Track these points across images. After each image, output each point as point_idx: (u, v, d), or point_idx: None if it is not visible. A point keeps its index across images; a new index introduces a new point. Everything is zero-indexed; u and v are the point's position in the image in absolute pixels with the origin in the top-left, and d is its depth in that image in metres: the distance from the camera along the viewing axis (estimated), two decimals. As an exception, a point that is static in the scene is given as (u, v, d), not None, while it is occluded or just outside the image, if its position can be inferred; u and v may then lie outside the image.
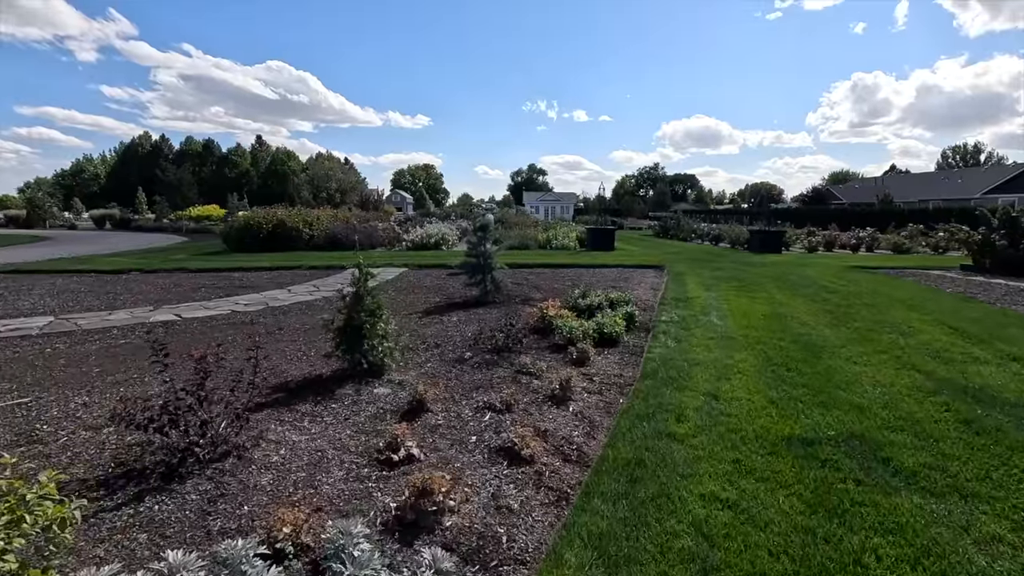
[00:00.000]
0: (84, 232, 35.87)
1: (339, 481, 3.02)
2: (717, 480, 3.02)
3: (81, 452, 3.33)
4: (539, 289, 9.83)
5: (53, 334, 6.47)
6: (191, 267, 12.98)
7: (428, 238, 19.69)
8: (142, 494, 2.82)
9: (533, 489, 3.00)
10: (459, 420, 3.89)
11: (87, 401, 4.19)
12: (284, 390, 4.49)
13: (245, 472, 3.09)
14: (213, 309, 8.04)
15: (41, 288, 10.10)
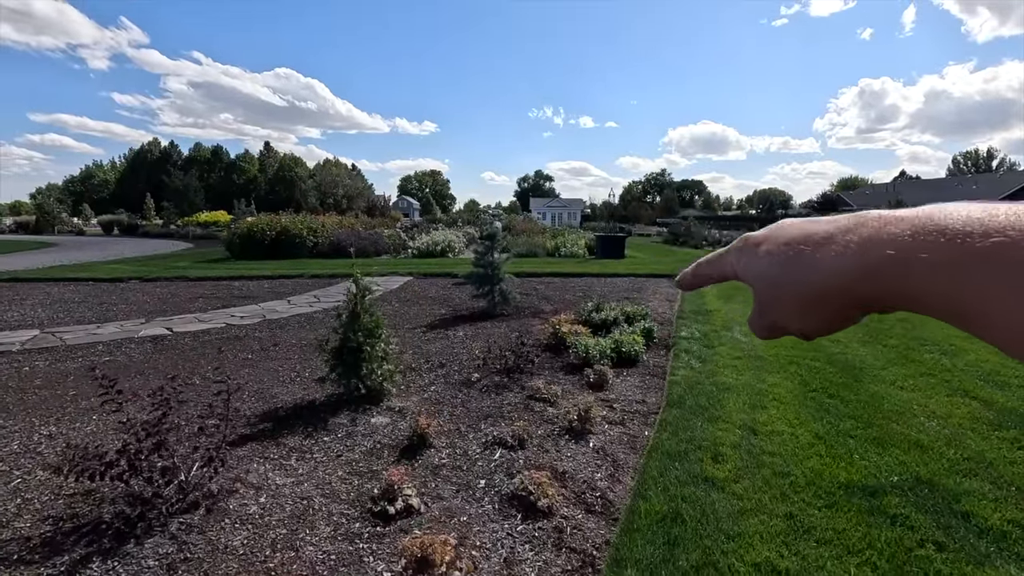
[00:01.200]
0: (91, 238, 35.80)
1: (325, 540, 2.57)
2: (770, 543, 2.55)
3: (33, 499, 2.90)
4: (549, 300, 9.38)
5: (35, 350, 6.08)
6: (191, 275, 12.62)
7: (434, 245, 19.31)
8: (90, 558, 2.39)
9: (553, 551, 2.54)
10: (465, 458, 3.44)
11: (53, 432, 3.77)
12: (272, 418, 4.06)
13: (216, 528, 2.65)
14: (208, 322, 7.64)
15: (34, 298, 9.77)
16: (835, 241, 0.31)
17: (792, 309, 0.34)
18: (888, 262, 0.28)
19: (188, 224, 39.45)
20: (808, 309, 0.33)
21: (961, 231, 0.26)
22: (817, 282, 0.32)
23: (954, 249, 0.26)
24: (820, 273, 0.32)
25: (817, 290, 0.32)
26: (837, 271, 0.31)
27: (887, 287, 0.29)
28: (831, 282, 0.31)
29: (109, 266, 15.41)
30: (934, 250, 0.27)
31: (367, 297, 4.30)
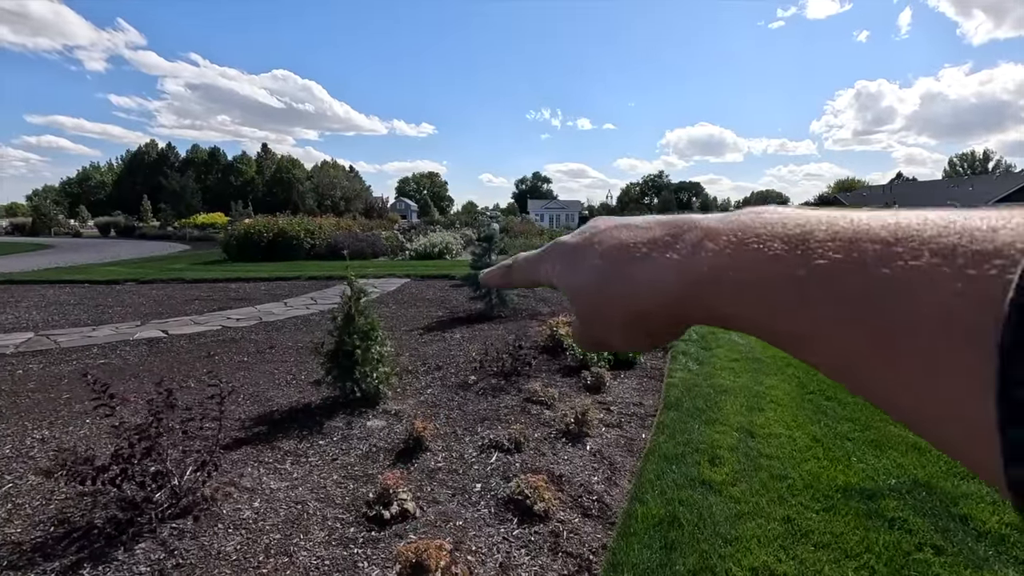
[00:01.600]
0: (88, 240, 35.70)
1: (319, 545, 2.55)
2: (768, 547, 2.53)
3: (24, 504, 2.87)
4: (546, 302, 9.36)
5: (29, 353, 6.04)
6: (188, 277, 12.58)
7: (432, 247, 19.28)
8: (80, 564, 2.36)
9: (549, 556, 2.52)
10: (462, 462, 3.42)
11: (46, 436, 3.74)
12: (267, 422, 4.04)
13: (209, 533, 2.62)
14: (203, 324, 7.61)
15: (29, 300, 9.72)
16: (653, 258, 0.29)
17: (613, 326, 0.32)
18: (706, 280, 0.26)
19: (185, 226, 39.34)
20: (629, 327, 0.31)
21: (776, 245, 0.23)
22: (636, 301, 0.29)
23: (765, 266, 0.23)
24: (639, 292, 0.29)
25: (637, 309, 0.30)
26: (656, 290, 0.28)
27: (706, 306, 0.26)
28: (651, 301, 0.29)
29: (105, 268, 15.35)
30: (744, 267, 0.24)
31: (363, 300, 4.28)
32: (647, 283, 0.28)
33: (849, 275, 0.20)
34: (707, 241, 0.26)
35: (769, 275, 0.23)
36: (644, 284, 0.29)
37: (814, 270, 0.21)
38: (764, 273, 0.23)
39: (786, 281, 0.22)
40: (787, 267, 0.22)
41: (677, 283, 0.27)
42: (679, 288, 0.27)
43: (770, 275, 0.23)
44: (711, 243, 0.26)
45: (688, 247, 0.27)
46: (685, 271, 0.27)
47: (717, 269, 0.25)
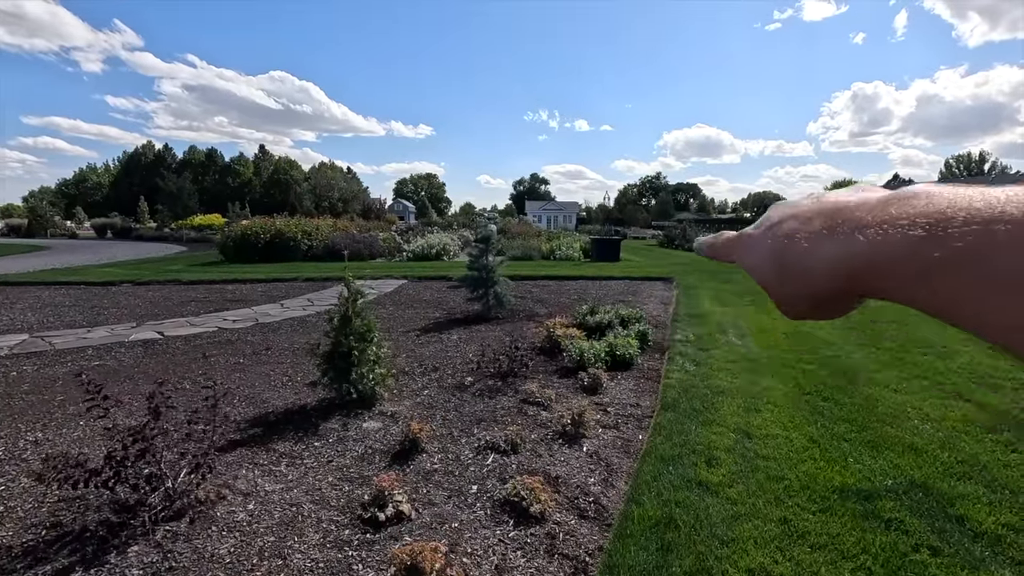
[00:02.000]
0: (84, 241, 35.59)
1: (314, 548, 2.53)
2: (765, 548, 2.53)
3: (16, 507, 2.85)
4: (544, 303, 9.36)
5: (23, 355, 6.01)
6: (184, 279, 12.54)
7: (429, 248, 19.27)
8: (72, 568, 2.34)
9: (545, 558, 2.51)
10: (458, 463, 3.41)
11: (39, 439, 3.72)
12: (263, 423, 4.02)
13: (203, 536, 2.60)
14: (199, 326, 7.58)
15: (24, 302, 9.67)
16: (815, 249, 0.32)
17: (797, 305, 0.36)
18: (860, 268, 0.29)
19: (182, 227, 39.23)
20: (809, 304, 0.35)
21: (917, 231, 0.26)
22: (807, 287, 0.33)
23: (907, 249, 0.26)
24: (808, 280, 0.33)
25: (809, 292, 0.33)
26: (820, 277, 0.32)
27: (865, 287, 0.30)
28: (817, 286, 0.32)
29: (101, 269, 15.29)
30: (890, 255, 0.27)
31: (360, 301, 4.27)
32: (813, 274, 0.32)
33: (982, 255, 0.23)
34: (857, 233, 0.29)
35: (909, 262, 0.26)
36: (811, 274, 0.32)
37: (951, 251, 0.24)
38: (905, 261, 0.26)
39: (925, 264, 0.25)
40: (925, 252, 0.25)
41: (836, 271, 0.31)
42: (838, 275, 0.31)
43: (910, 262, 0.26)
44: (861, 236, 0.29)
45: (840, 239, 0.30)
46: (841, 264, 0.30)
47: (869, 260, 0.28)
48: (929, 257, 0.25)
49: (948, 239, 0.24)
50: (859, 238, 0.29)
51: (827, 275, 0.31)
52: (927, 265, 0.25)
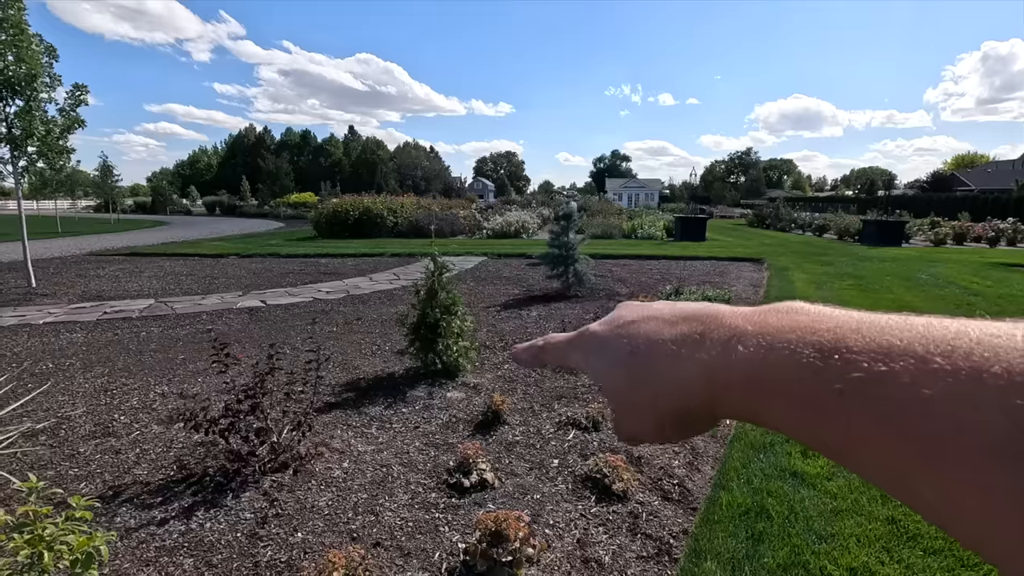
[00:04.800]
0: (197, 217, 39.17)
1: (403, 507, 2.66)
2: (869, 547, 2.35)
3: (149, 450, 3.22)
4: (625, 283, 9.17)
5: (150, 317, 6.73)
6: (283, 253, 13.47)
7: (508, 226, 19.40)
8: (196, 507, 2.61)
9: (627, 536, 2.48)
10: (539, 437, 3.44)
11: (165, 392, 4.16)
12: (355, 389, 4.25)
13: (304, 488, 2.81)
14: (297, 296, 8.13)
15: (150, 271, 10.81)
16: (683, 357, 0.28)
17: (646, 422, 0.31)
18: (737, 384, 0.25)
19: (280, 205, 42.03)
20: (662, 423, 0.30)
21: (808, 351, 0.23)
22: (668, 400, 0.29)
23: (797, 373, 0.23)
24: (670, 392, 0.29)
25: (669, 408, 0.29)
26: (688, 391, 0.28)
27: (738, 408, 0.26)
28: (682, 402, 0.29)
29: (212, 243, 16.76)
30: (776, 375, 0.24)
31: (445, 275, 4.37)
32: (677, 384, 0.28)
33: (885, 391, 0.20)
34: (736, 343, 0.26)
35: (802, 384, 0.23)
36: (675, 385, 0.29)
37: (850, 383, 0.21)
38: (796, 382, 0.23)
39: (820, 392, 0.22)
40: (821, 378, 0.22)
41: (708, 385, 0.27)
42: (710, 390, 0.27)
43: (803, 384, 0.23)
44: (741, 346, 0.26)
45: (717, 347, 0.27)
46: (716, 374, 0.26)
47: (748, 374, 0.25)
48: (825, 385, 0.22)
49: (844, 368, 0.21)
50: (738, 348, 0.26)
51: (694, 387, 0.27)
52: (819, 393, 0.22)
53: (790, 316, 0.25)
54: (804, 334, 0.24)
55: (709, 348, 0.27)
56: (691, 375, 0.28)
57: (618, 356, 0.32)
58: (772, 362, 0.24)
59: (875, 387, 0.20)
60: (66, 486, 2.77)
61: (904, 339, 0.21)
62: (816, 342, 0.23)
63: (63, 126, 8.26)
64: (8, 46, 7.38)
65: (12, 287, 8.83)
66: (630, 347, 0.31)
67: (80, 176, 34.16)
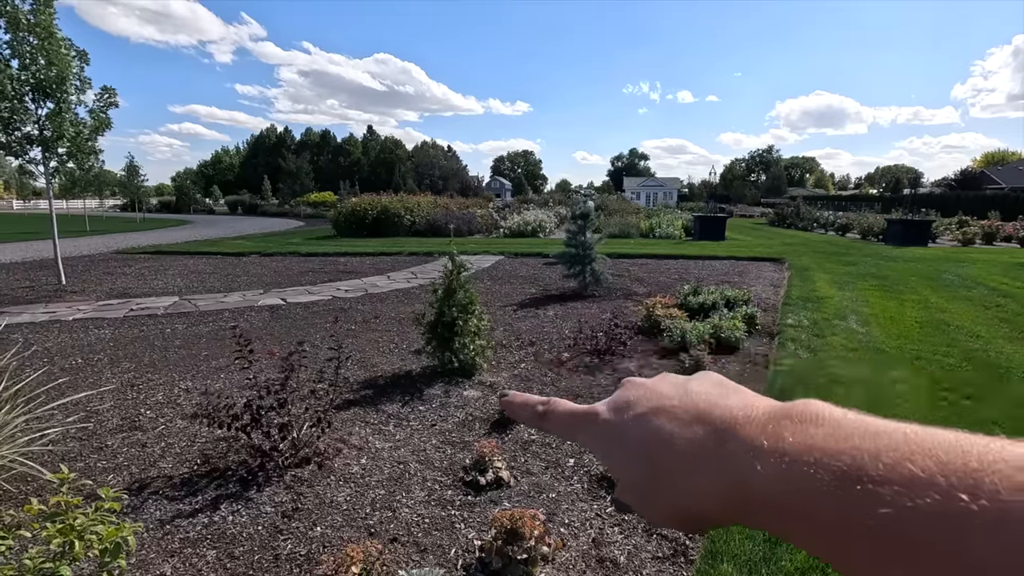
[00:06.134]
0: (219, 216, 39.86)
1: (420, 504, 2.69)
2: (891, 552, 2.31)
3: (174, 444, 3.30)
4: (642, 282, 9.12)
5: (175, 314, 6.88)
6: (302, 251, 13.66)
7: (525, 225, 19.40)
8: (219, 500, 2.67)
9: (643, 536, 2.48)
10: (555, 436, 3.44)
11: (189, 387, 4.25)
12: (373, 386, 4.30)
13: (323, 483, 2.86)
14: (316, 294, 8.24)
15: (175, 269, 11.05)
16: (699, 467, 0.28)
17: (660, 517, 0.31)
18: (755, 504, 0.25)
19: (300, 204, 42.61)
20: (677, 521, 0.30)
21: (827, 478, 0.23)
22: (684, 507, 0.29)
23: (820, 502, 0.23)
24: (688, 500, 0.29)
25: (684, 514, 0.29)
26: (705, 501, 0.28)
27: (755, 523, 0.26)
28: (699, 508, 0.28)
29: (233, 242, 17.06)
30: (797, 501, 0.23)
31: (462, 274, 4.40)
32: (695, 497, 0.28)
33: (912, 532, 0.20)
34: (755, 460, 0.25)
35: (826, 513, 0.22)
36: (691, 498, 0.28)
37: (878, 520, 0.21)
38: (821, 510, 0.23)
39: (845, 523, 0.22)
40: (845, 508, 0.22)
41: (725, 500, 0.27)
42: (729, 507, 0.27)
43: (827, 513, 0.22)
44: (759, 465, 0.25)
45: (730, 460, 0.27)
46: (734, 491, 0.26)
47: (769, 499, 0.25)
48: (848, 518, 0.22)
49: (869, 501, 0.21)
50: (756, 466, 0.25)
51: (710, 496, 0.27)
52: (842, 526, 0.22)
53: (804, 431, 0.25)
54: (822, 456, 0.23)
55: (723, 461, 0.27)
56: (707, 485, 0.27)
57: (633, 451, 0.31)
58: (792, 489, 0.24)
59: (901, 525, 0.20)
60: (95, 478, 2.86)
61: (926, 469, 0.21)
62: (836, 468, 0.23)
63: (92, 128, 8.49)
64: (40, 50, 7.60)
65: (43, 284, 9.10)
66: (645, 451, 0.31)
67: (107, 176, 35.05)
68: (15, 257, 13.05)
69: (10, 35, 7.47)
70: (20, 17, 7.37)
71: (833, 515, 0.22)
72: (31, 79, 7.62)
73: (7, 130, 7.85)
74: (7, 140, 7.94)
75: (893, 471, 0.21)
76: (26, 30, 7.46)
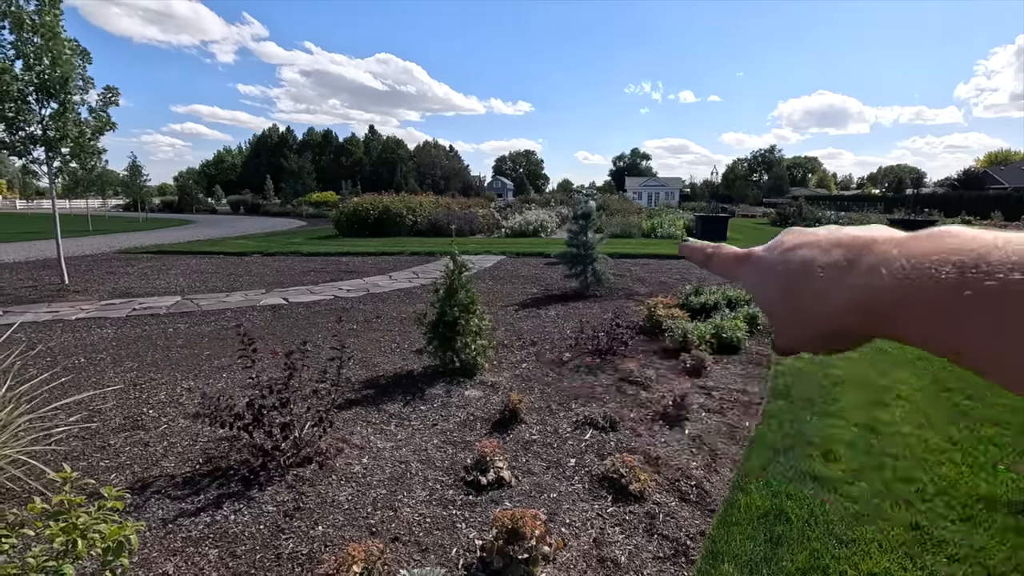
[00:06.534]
0: (221, 216, 39.90)
1: (421, 503, 2.70)
2: (891, 553, 2.31)
3: (176, 443, 3.31)
4: (644, 282, 9.11)
5: (177, 314, 6.90)
6: (304, 251, 13.67)
7: (527, 225, 19.39)
8: (221, 499, 2.68)
9: (644, 536, 2.48)
10: (556, 436, 3.45)
11: (191, 387, 4.27)
12: (374, 386, 4.31)
13: (324, 483, 2.87)
14: (318, 294, 8.25)
15: (177, 268, 11.07)
16: (833, 281, 0.30)
17: (803, 337, 0.33)
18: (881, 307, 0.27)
19: (302, 204, 42.62)
20: (817, 339, 0.33)
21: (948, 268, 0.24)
22: (820, 321, 0.31)
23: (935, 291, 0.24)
24: (822, 314, 0.31)
25: (821, 328, 0.31)
26: (837, 312, 0.30)
27: (883, 328, 0.28)
28: (832, 322, 0.30)
29: (236, 241, 17.08)
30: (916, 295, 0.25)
31: (464, 274, 4.40)
32: (828, 308, 0.30)
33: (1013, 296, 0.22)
34: (882, 268, 0.27)
35: (939, 301, 0.24)
36: (825, 309, 0.30)
37: (983, 291, 0.22)
38: (934, 298, 0.24)
39: (956, 304, 0.23)
40: (958, 292, 0.23)
41: (854, 309, 0.28)
42: (857, 313, 0.28)
43: (940, 301, 0.24)
44: (885, 270, 0.27)
45: (863, 273, 0.28)
46: (861, 298, 0.28)
47: (891, 298, 0.26)
48: (959, 296, 0.23)
49: (980, 278, 0.23)
50: (883, 272, 0.27)
51: (843, 310, 0.29)
52: (955, 304, 0.23)
53: (939, 239, 0.26)
54: (948, 254, 0.25)
55: (856, 275, 0.29)
56: (840, 300, 0.29)
57: (776, 279, 0.34)
58: (913, 285, 0.25)
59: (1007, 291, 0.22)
60: (98, 477, 2.87)
61: None
62: (958, 260, 0.24)
63: (95, 127, 8.51)
64: (44, 51, 7.62)
65: (46, 283, 9.12)
66: (786, 271, 0.34)
67: (110, 176, 35.19)
68: (18, 257, 13.09)
69: (14, 36, 7.50)
70: (24, 17, 7.39)
71: (946, 302, 0.24)
72: (35, 79, 7.64)
73: (11, 130, 7.88)
74: (11, 140, 7.97)
75: (1010, 256, 0.23)
76: (31, 31, 7.49)
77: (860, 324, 0.29)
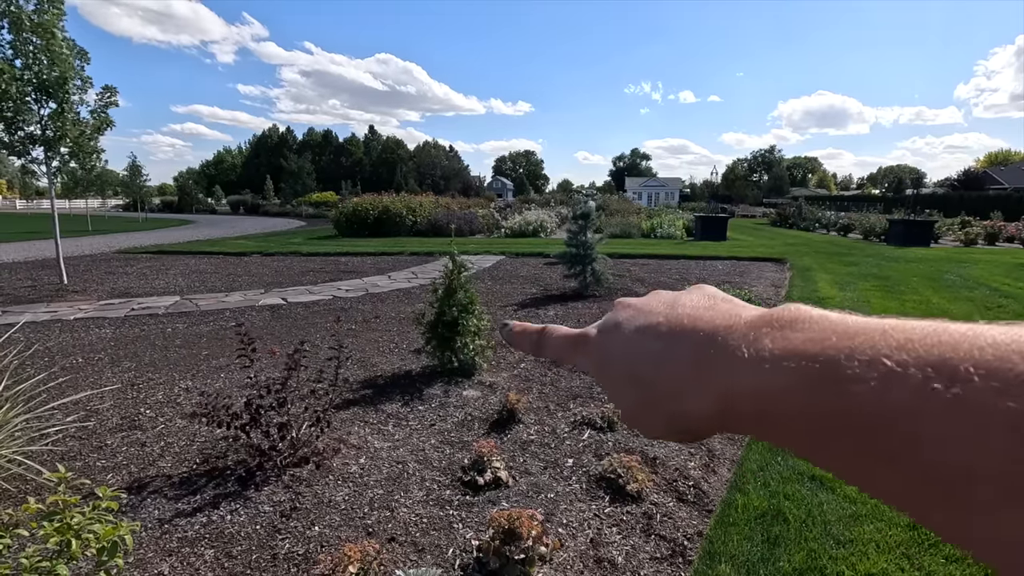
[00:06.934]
0: (221, 216, 39.90)
1: (418, 504, 2.69)
2: (889, 554, 2.31)
3: (173, 443, 3.31)
4: (643, 283, 9.11)
5: (175, 314, 6.89)
6: (303, 251, 13.67)
7: (527, 225, 19.39)
8: (218, 500, 2.67)
9: (641, 537, 2.48)
10: (554, 436, 3.44)
11: (189, 387, 4.26)
12: (372, 386, 4.31)
13: (321, 483, 2.86)
14: (317, 294, 8.25)
15: (176, 268, 11.06)
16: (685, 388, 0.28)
17: (655, 431, 0.31)
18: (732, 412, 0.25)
19: (301, 204, 42.64)
20: (669, 433, 0.30)
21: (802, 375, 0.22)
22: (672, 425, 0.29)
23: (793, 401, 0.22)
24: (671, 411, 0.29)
25: (672, 426, 0.29)
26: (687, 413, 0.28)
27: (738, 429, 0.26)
28: (681, 423, 0.29)
29: (235, 241, 17.08)
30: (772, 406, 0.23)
31: (463, 274, 4.40)
32: (682, 413, 0.28)
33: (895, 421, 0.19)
34: (734, 370, 0.25)
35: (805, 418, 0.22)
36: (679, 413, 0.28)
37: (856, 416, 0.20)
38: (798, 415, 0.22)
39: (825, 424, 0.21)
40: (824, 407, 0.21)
41: (710, 413, 0.27)
42: (713, 417, 0.27)
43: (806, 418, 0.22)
44: (738, 374, 0.25)
45: (716, 376, 0.26)
46: (717, 404, 0.26)
47: (747, 405, 0.25)
48: (822, 411, 0.21)
49: (843, 384, 0.21)
50: (736, 377, 0.25)
51: (700, 415, 0.27)
52: (820, 422, 0.21)
53: (784, 335, 0.24)
54: (800, 360, 0.23)
55: (709, 382, 0.27)
56: (694, 408, 0.28)
57: (622, 375, 0.32)
58: (769, 394, 0.24)
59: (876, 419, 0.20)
60: (94, 477, 2.86)
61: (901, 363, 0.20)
62: (812, 370, 0.22)
63: (94, 127, 8.51)
64: (42, 51, 7.62)
65: (45, 283, 9.12)
66: (633, 372, 0.31)
67: (110, 176, 35.20)
68: (17, 256, 13.09)
69: (12, 36, 7.49)
70: (23, 17, 7.39)
71: (810, 416, 0.22)
72: (34, 79, 7.64)
73: (10, 130, 7.88)
74: (10, 140, 7.97)
75: (869, 368, 0.21)
76: (29, 31, 7.49)
77: (714, 424, 0.27)
